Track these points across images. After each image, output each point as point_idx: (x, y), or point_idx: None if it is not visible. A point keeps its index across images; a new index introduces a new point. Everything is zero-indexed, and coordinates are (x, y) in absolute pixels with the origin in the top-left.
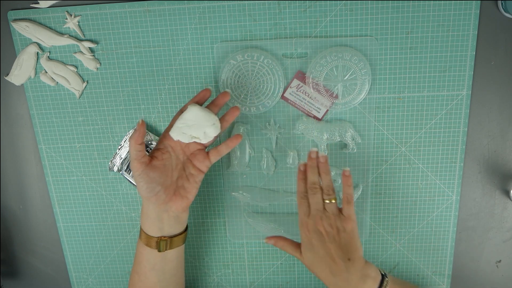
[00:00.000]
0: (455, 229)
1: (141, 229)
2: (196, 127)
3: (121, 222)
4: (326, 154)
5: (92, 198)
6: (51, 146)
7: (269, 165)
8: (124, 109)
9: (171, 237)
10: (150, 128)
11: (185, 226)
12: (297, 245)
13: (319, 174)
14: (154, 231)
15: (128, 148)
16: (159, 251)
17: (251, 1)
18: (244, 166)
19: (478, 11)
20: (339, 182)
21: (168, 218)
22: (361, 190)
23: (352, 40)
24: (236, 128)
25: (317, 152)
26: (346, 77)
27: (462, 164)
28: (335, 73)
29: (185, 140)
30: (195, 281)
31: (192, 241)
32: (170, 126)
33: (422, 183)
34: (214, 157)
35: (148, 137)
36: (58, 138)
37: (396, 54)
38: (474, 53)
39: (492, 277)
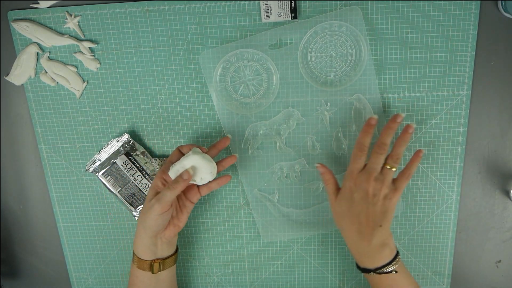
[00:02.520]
0: (455, 229)
1: (134, 253)
2: (194, 173)
3: (121, 222)
4: (413, 124)
5: (92, 198)
6: (51, 146)
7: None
8: (124, 109)
9: (164, 259)
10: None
11: (175, 247)
12: (338, 189)
13: (398, 141)
14: (147, 256)
15: (107, 153)
16: (153, 272)
17: (251, 1)
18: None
19: (478, 11)
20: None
21: (161, 244)
22: None
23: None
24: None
25: (403, 118)
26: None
27: (462, 164)
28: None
29: None
30: (195, 281)
31: (192, 241)
32: (169, 161)
33: (422, 183)
34: (205, 192)
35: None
36: (58, 138)
37: (396, 54)
38: (474, 53)
39: (492, 277)
